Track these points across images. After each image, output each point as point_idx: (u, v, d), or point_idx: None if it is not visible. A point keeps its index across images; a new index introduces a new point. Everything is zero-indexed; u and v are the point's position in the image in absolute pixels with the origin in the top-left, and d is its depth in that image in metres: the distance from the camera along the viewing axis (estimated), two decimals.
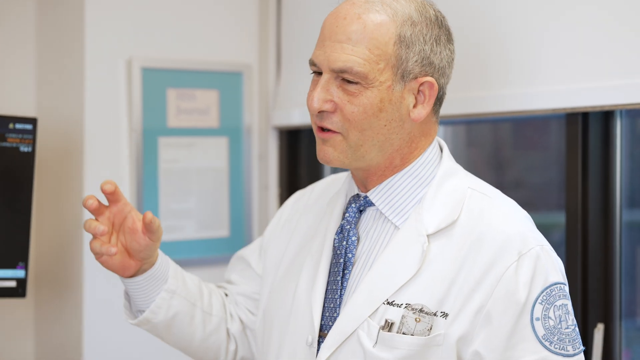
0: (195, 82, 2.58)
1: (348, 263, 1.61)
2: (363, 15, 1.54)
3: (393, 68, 1.54)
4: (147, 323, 1.78)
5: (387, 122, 1.55)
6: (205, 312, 1.83)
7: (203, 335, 1.83)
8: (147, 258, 1.73)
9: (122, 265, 1.71)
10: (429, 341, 1.49)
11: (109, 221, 1.69)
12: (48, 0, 2.53)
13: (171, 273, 1.78)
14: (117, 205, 1.69)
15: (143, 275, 1.74)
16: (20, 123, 2.12)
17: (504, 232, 1.51)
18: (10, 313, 2.53)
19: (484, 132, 2.51)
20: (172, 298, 1.77)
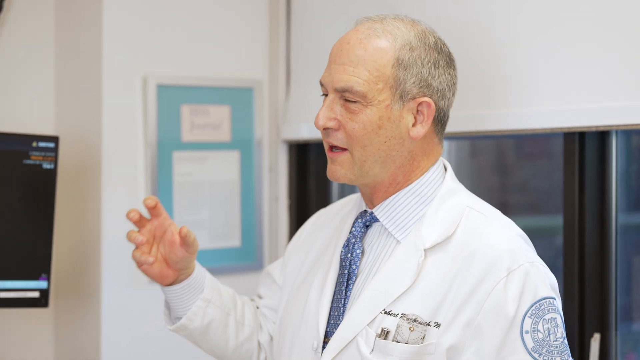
0: (208, 98, 2.65)
1: (352, 274, 1.72)
2: (364, 40, 1.65)
3: (391, 89, 1.64)
4: (184, 329, 1.90)
5: (387, 138, 1.65)
6: (238, 322, 1.94)
7: (236, 343, 1.94)
8: (184, 269, 1.86)
9: (161, 274, 1.85)
10: (421, 349, 1.58)
11: (150, 233, 1.85)
12: (66, 21, 2.61)
13: (207, 283, 1.90)
14: (158, 219, 1.85)
15: (181, 284, 1.87)
16: (43, 141, 2.19)
17: (495, 248, 1.59)
18: (32, 322, 2.60)
19: (489, 140, 2.56)
20: (208, 307, 1.89)
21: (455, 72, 1.72)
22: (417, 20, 1.73)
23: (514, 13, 2.11)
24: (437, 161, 1.74)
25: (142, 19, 2.54)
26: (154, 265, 1.85)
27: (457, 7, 2.24)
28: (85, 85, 2.55)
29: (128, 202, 2.50)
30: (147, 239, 1.84)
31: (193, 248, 1.84)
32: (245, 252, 2.72)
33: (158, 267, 1.85)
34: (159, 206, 1.84)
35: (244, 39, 2.73)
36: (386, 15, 1.72)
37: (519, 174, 2.51)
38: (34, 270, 2.20)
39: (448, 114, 1.72)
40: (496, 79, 2.14)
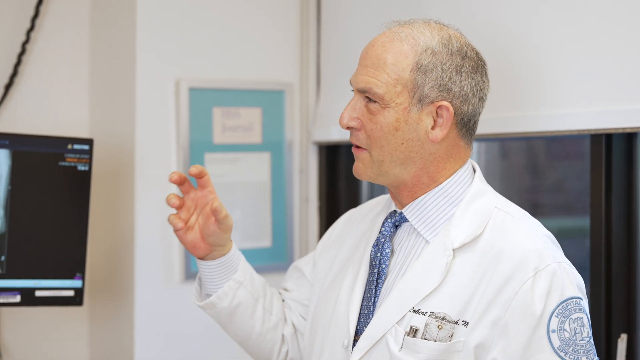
0: (239, 100, 2.68)
1: (382, 273, 1.75)
2: (387, 44, 1.69)
3: (410, 92, 1.67)
4: (213, 307, 1.92)
5: (404, 140, 1.68)
6: (266, 310, 1.96)
7: (261, 330, 1.96)
8: (217, 245, 1.88)
9: (193, 244, 1.87)
10: (449, 347, 1.61)
11: (192, 201, 1.87)
12: (101, 26, 2.66)
13: (241, 266, 1.93)
14: (203, 190, 1.87)
15: (216, 261, 1.89)
16: (78, 144, 2.24)
17: (523, 248, 1.62)
18: (67, 320, 2.65)
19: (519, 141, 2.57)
20: (239, 289, 1.91)
21: (484, 77, 1.74)
22: (448, 25, 1.76)
23: (542, 17, 2.12)
24: (466, 163, 1.76)
25: (174, 23, 2.58)
26: (188, 234, 1.86)
27: (488, 11, 2.25)
28: (119, 88, 2.60)
29: (161, 204, 2.52)
30: (182, 203, 1.85)
31: (225, 225, 1.84)
32: (276, 252, 2.75)
33: (192, 236, 1.86)
34: (206, 177, 1.85)
35: (274, 42, 2.76)
36: (416, 19, 1.75)
37: (551, 175, 2.50)
38: (69, 269, 2.24)
39: (475, 118, 1.74)
40: (523, 81, 2.15)
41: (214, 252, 1.89)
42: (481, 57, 1.74)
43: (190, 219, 1.87)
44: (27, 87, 2.60)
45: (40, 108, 2.61)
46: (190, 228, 1.87)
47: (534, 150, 2.51)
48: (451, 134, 1.71)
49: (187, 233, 1.86)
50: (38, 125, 2.56)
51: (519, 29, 2.17)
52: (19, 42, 2.57)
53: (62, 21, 2.64)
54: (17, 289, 2.18)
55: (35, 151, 2.20)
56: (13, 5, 2.57)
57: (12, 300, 2.17)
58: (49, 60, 2.63)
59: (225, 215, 1.83)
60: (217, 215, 1.82)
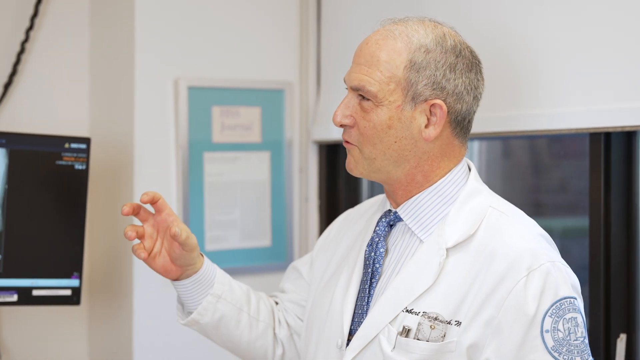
0: (238, 99, 2.68)
1: (375, 273, 1.74)
2: (381, 42, 1.69)
3: (403, 90, 1.67)
4: (196, 324, 1.92)
5: (397, 138, 1.68)
6: (252, 317, 1.95)
7: (249, 338, 1.95)
8: (187, 265, 1.86)
9: (164, 268, 1.86)
10: (442, 347, 1.60)
11: (153, 228, 1.85)
12: (100, 25, 2.66)
13: (218, 279, 1.91)
14: (161, 214, 1.84)
15: (189, 279, 1.88)
16: (75, 143, 2.24)
17: (516, 248, 1.60)
18: (66, 320, 2.65)
19: (522, 140, 2.56)
20: (218, 302, 1.90)
21: (479, 76, 1.73)
22: (442, 23, 1.75)
23: (541, 15, 2.11)
24: (460, 162, 1.75)
25: (173, 22, 2.58)
26: (157, 260, 1.84)
27: (487, 10, 2.24)
28: (118, 87, 2.60)
29: None
30: (142, 233, 1.82)
31: (189, 246, 1.82)
32: (276, 251, 2.75)
33: (161, 261, 1.85)
34: (160, 201, 1.82)
35: (274, 41, 2.75)
36: (410, 17, 1.74)
37: (554, 175, 2.49)
38: (66, 268, 2.24)
39: (470, 117, 1.73)
40: (522, 80, 2.15)
41: (187, 271, 1.88)
42: (476, 55, 1.73)
43: (155, 245, 1.85)
44: (27, 86, 2.59)
45: (39, 107, 2.61)
46: (157, 254, 1.85)
47: (537, 150, 2.51)
48: (445, 132, 1.70)
49: (155, 260, 1.85)
50: (37, 124, 2.56)
51: (518, 28, 2.16)
52: (18, 41, 2.56)
53: (62, 20, 2.64)
54: (14, 288, 2.18)
55: (32, 150, 2.20)
56: (12, 4, 2.57)
57: (9, 300, 2.17)
58: (48, 59, 2.63)
59: (186, 237, 1.80)
60: (178, 240, 1.80)
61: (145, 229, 1.84)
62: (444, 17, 1.84)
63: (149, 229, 1.84)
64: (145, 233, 1.84)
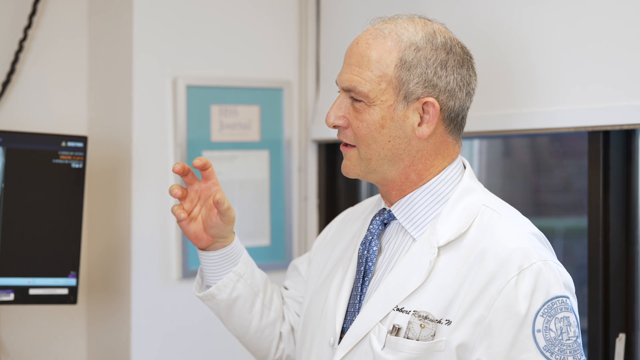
0: (237, 98, 2.67)
1: (368, 271, 1.74)
2: (371, 41, 1.68)
3: (395, 89, 1.66)
4: (212, 299, 1.93)
5: (391, 138, 1.67)
6: (265, 305, 1.96)
7: (259, 325, 1.96)
8: (219, 237, 1.89)
9: (196, 234, 1.89)
10: (431, 346, 1.59)
11: (196, 193, 1.89)
12: (98, 23, 2.66)
13: (243, 259, 1.94)
14: (207, 182, 1.88)
15: (217, 252, 1.91)
16: (72, 141, 2.24)
17: (507, 247, 1.59)
18: (65, 319, 2.65)
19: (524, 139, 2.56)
20: (238, 281, 1.92)
21: (471, 72, 1.72)
22: (432, 19, 1.74)
23: (538, 13, 2.10)
24: (455, 160, 1.74)
25: (172, 21, 2.58)
26: (191, 224, 1.88)
27: (485, 8, 2.24)
28: (117, 86, 2.60)
29: (158, 202, 2.54)
30: (185, 194, 1.87)
31: (227, 217, 1.85)
32: (275, 250, 2.74)
33: (194, 227, 1.88)
34: (210, 170, 1.86)
35: (273, 40, 2.75)
36: (400, 15, 1.74)
37: (557, 174, 2.49)
38: (63, 267, 2.24)
39: (463, 114, 1.72)
40: (521, 78, 2.14)
41: (216, 243, 1.90)
42: (467, 50, 1.72)
43: (194, 210, 1.89)
44: (25, 84, 2.59)
45: (38, 105, 2.61)
46: (193, 219, 1.89)
47: (540, 149, 2.50)
48: (438, 130, 1.69)
49: (190, 224, 1.88)
50: (35, 123, 2.56)
51: (516, 26, 2.15)
52: (16, 39, 2.56)
53: (60, 19, 2.64)
54: (11, 287, 2.18)
55: (29, 148, 2.20)
56: (10, 2, 2.57)
57: (5, 299, 2.17)
58: (47, 58, 2.62)
59: (227, 208, 1.84)
60: (219, 207, 1.83)
61: (188, 191, 1.88)
62: (440, 16, 1.83)
63: (191, 193, 1.89)
64: (188, 196, 1.88)
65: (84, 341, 2.69)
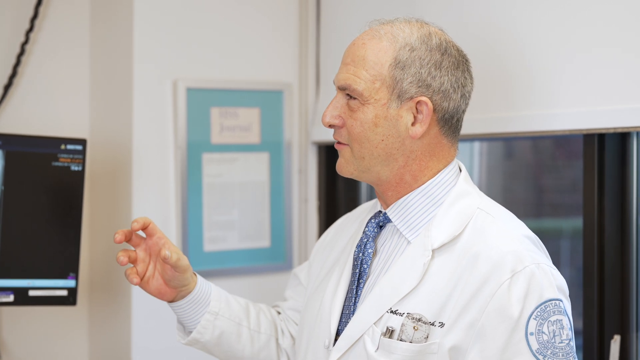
0: (237, 100, 2.69)
1: (363, 273, 1.75)
2: (367, 42, 1.71)
3: (389, 88, 1.68)
4: (197, 342, 1.94)
5: (384, 137, 1.68)
6: (253, 330, 1.97)
7: (252, 351, 1.98)
8: (181, 286, 1.89)
9: (159, 291, 1.89)
10: (424, 348, 1.60)
11: (145, 252, 1.88)
12: (99, 27, 2.67)
13: (214, 296, 1.94)
14: (152, 238, 1.87)
15: (184, 300, 1.91)
16: (71, 144, 2.25)
17: (500, 250, 1.60)
18: (66, 320, 2.67)
19: (525, 141, 2.56)
20: (216, 319, 1.93)
21: (466, 74, 1.73)
22: (429, 22, 1.75)
23: (533, 16, 2.11)
24: (450, 163, 1.75)
25: (172, 23, 2.59)
26: (150, 283, 1.88)
27: (480, 11, 2.24)
28: (118, 88, 2.61)
29: (159, 203, 2.55)
30: (135, 257, 1.86)
31: (180, 268, 1.84)
32: (275, 252, 2.75)
33: (155, 284, 1.88)
34: (151, 226, 1.85)
35: (273, 42, 2.76)
36: (398, 18, 1.75)
37: (566, 174, 2.49)
38: (63, 269, 2.25)
39: (458, 116, 1.73)
40: (516, 81, 2.14)
41: (181, 292, 1.90)
42: (463, 53, 1.74)
43: (148, 269, 1.88)
44: (26, 87, 2.61)
45: (39, 108, 2.62)
46: (150, 278, 1.88)
47: (547, 150, 2.50)
48: (432, 131, 1.70)
49: (149, 283, 1.88)
50: (37, 126, 2.58)
51: (511, 28, 2.16)
52: (18, 42, 2.58)
53: (62, 22, 2.65)
54: (11, 289, 2.19)
55: (29, 151, 2.21)
56: (12, 5, 2.58)
57: (5, 300, 2.18)
58: (49, 61, 2.64)
59: (177, 259, 1.82)
60: (168, 262, 1.82)
61: (137, 253, 1.87)
62: (438, 19, 1.84)
63: (141, 254, 1.87)
64: (138, 257, 1.87)
65: (86, 342, 2.70)
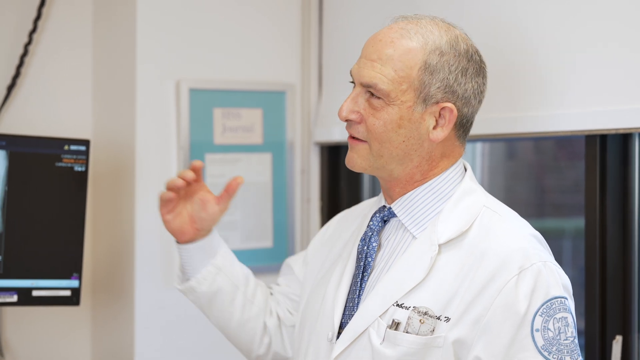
0: (240, 101, 2.69)
1: (367, 267, 1.75)
2: (396, 40, 1.67)
3: (415, 91, 1.66)
4: (192, 292, 1.96)
5: (406, 138, 1.68)
6: (247, 299, 1.99)
7: (241, 318, 1.99)
8: (205, 230, 1.95)
9: (181, 229, 1.94)
10: (430, 341, 1.61)
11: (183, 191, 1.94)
12: (102, 28, 2.67)
13: (221, 252, 1.98)
14: (198, 182, 1.94)
15: (194, 243, 1.95)
16: (74, 145, 2.26)
17: (507, 247, 1.61)
18: (69, 320, 2.67)
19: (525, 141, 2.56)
20: (217, 274, 1.95)
21: (484, 80, 1.74)
22: (454, 25, 1.74)
23: (538, 17, 2.11)
24: (457, 161, 1.76)
25: (175, 24, 2.59)
26: (175, 220, 1.93)
27: (484, 10, 2.25)
28: (120, 89, 2.61)
29: None
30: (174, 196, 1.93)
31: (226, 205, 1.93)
32: (277, 252, 2.76)
33: (179, 222, 1.94)
34: (200, 171, 1.93)
35: (276, 43, 2.76)
36: (423, 16, 1.73)
37: (569, 175, 2.50)
38: (66, 269, 2.26)
39: (472, 120, 1.75)
40: (518, 82, 2.15)
41: (198, 236, 1.95)
42: (483, 59, 1.74)
43: (178, 206, 1.94)
44: (30, 88, 2.61)
45: (42, 109, 2.63)
46: (178, 215, 1.93)
47: (551, 150, 2.51)
48: (450, 134, 1.71)
49: (175, 220, 1.93)
50: (40, 126, 2.58)
51: (513, 29, 2.16)
52: (21, 43, 2.59)
53: (64, 23, 2.66)
54: (14, 289, 2.20)
55: (32, 152, 2.22)
56: (15, 6, 2.59)
57: (9, 300, 2.19)
58: (51, 62, 2.64)
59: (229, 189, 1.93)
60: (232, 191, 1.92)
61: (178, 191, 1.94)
62: (443, 16, 1.84)
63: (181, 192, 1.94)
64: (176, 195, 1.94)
65: (88, 342, 2.71)
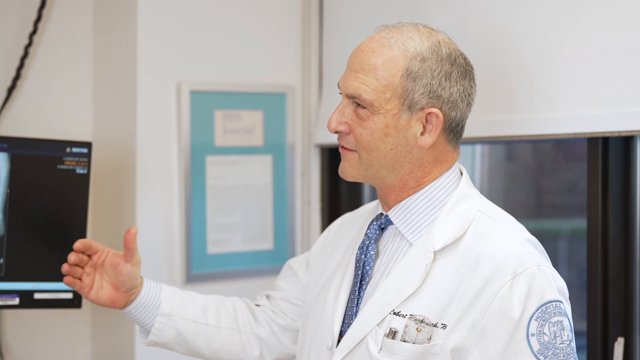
0: (241, 103, 2.69)
1: (366, 275, 1.77)
2: (377, 50, 1.69)
3: (399, 98, 1.68)
4: (156, 344, 2.01)
5: (393, 146, 1.69)
6: (212, 327, 2.02)
7: (214, 347, 2.02)
8: (132, 289, 1.97)
9: (111, 299, 1.98)
10: (427, 349, 1.61)
11: (90, 267, 1.99)
12: (103, 30, 2.67)
13: (164, 298, 2.00)
14: (96, 254, 1.99)
15: (132, 305, 1.98)
16: (76, 147, 2.25)
17: (501, 252, 1.62)
18: (70, 322, 2.67)
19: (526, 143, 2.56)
20: (169, 320, 1.98)
21: (472, 82, 1.74)
22: (437, 30, 1.75)
23: (538, 19, 2.12)
24: (452, 167, 1.76)
25: (176, 26, 2.59)
26: (100, 294, 1.97)
27: (483, 14, 2.25)
28: (121, 91, 2.61)
29: (162, 206, 2.56)
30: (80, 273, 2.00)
31: (137, 256, 1.96)
32: (278, 254, 2.76)
33: (105, 294, 1.97)
34: (91, 245, 2.00)
35: (276, 45, 2.76)
36: (405, 24, 1.75)
37: (564, 176, 2.50)
38: None
39: (463, 123, 1.75)
40: (520, 84, 2.15)
41: (132, 296, 1.98)
42: (469, 62, 1.74)
43: (95, 281, 1.99)
44: (30, 90, 2.61)
45: (43, 111, 2.63)
46: (99, 289, 1.98)
47: (548, 152, 2.51)
48: (439, 139, 1.72)
49: (99, 294, 1.97)
50: (40, 128, 2.58)
51: (515, 31, 2.17)
52: (21, 45, 2.58)
53: (65, 25, 2.65)
54: (16, 292, 2.19)
55: (34, 154, 2.21)
56: (16, 8, 2.59)
57: (10, 303, 2.18)
58: (52, 64, 2.64)
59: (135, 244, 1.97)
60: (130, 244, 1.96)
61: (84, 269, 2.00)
62: (441, 23, 1.84)
63: (87, 269, 2.00)
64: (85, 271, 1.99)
65: (89, 344, 2.71)
